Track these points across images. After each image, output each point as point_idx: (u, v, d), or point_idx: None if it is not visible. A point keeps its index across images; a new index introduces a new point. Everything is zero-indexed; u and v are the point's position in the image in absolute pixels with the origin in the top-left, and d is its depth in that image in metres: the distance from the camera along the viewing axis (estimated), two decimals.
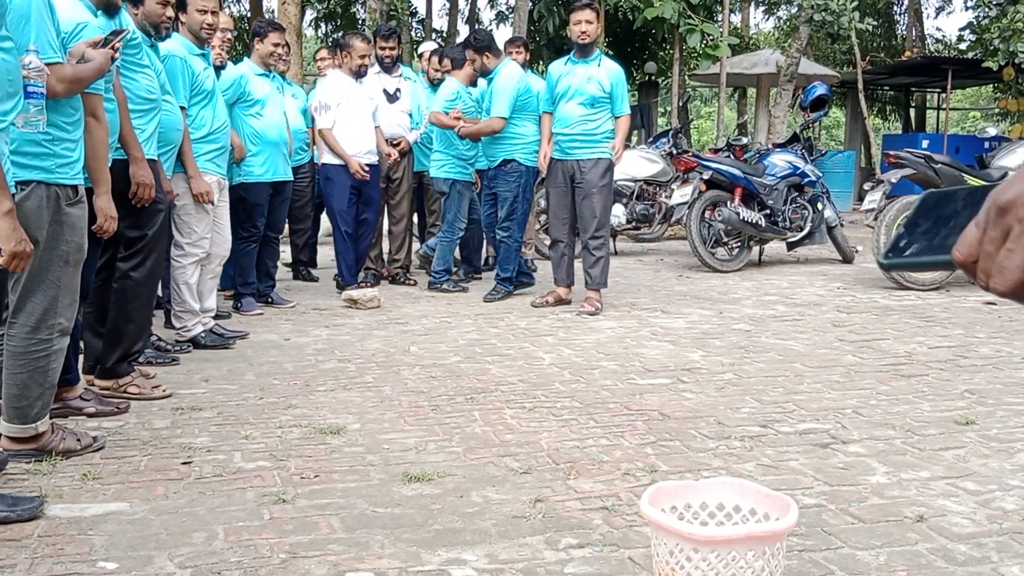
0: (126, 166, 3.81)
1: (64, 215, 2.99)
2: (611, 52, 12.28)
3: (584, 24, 5.99)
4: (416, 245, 8.19)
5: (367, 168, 6.60)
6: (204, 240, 4.96)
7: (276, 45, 6.13)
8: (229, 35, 6.12)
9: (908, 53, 19.38)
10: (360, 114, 6.60)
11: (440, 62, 7.44)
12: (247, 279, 6.12)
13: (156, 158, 4.12)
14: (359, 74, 6.58)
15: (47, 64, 2.79)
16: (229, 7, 20.97)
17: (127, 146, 3.80)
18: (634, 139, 16.49)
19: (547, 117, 6.28)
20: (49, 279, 2.98)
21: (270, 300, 6.33)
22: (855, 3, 12.83)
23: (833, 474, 3.04)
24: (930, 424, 3.61)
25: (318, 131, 6.66)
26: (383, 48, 7.09)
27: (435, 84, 7.46)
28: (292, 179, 6.39)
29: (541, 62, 18.45)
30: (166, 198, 4.12)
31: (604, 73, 6.01)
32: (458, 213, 6.84)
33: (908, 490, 2.89)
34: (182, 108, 4.77)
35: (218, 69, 5.61)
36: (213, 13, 4.85)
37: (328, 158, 6.64)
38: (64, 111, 3.00)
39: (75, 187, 3.06)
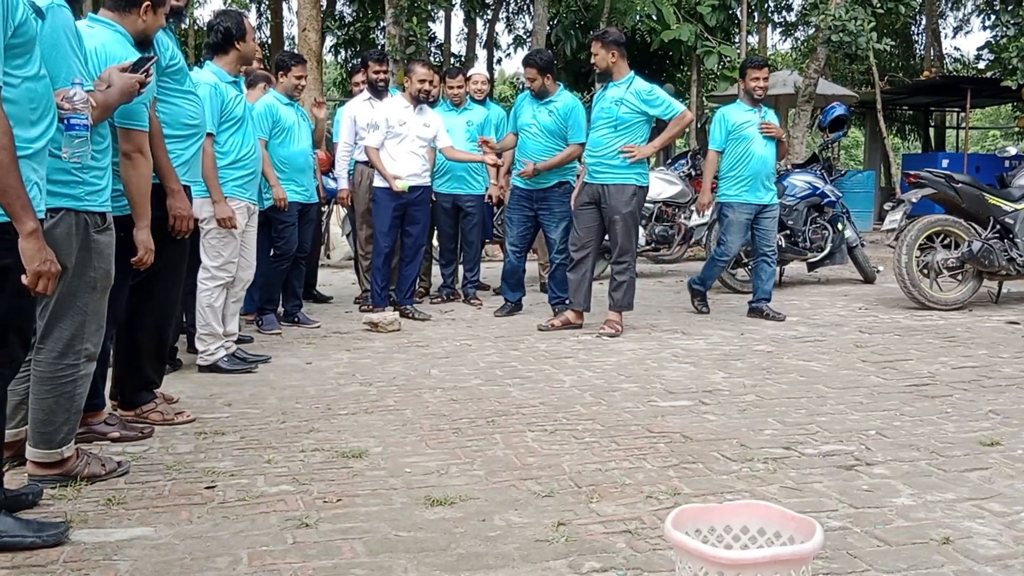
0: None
1: (92, 242, 3.03)
2: None
3: (593, 57, 6.19)
4: (435, 268, 8.22)
5: (410, 189, 6.60)
6: (231, 264, 5.00)
7: (299, 78, 6.27)
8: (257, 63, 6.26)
9: (926, 73, 19.33)
10: (410, 139, 6.61)
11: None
12: (271, 296, 6.22)
13: (189, 184, 4.13)
14: (418, 100, 6.63)
15: None
16: None
17: (164, 177, 3.78)
18: (652, 160, 16.51)
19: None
20: (77, 305, 3.01)
21: (296, 320, 6.43)
22: (872, 24, 12.81)
23: (858, 496, 3.02)
24: (955, 445, 3.58)
25: (364, 149, 6.72)
26: (377, 72, 7.15)
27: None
28: (318, 202, 6.51)
29: (560, 85, 18.53)
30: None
31: (632, 93, 6.04)
32: None
33: (934, 512, 2.87)
34: (209, 135, 4.85)
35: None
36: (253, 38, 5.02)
37: (376, 181, 6.70)
38: (93, 139, 3.04)
39: (103, 214, 3.10)
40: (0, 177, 2.34)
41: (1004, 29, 15.02)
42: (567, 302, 6.38)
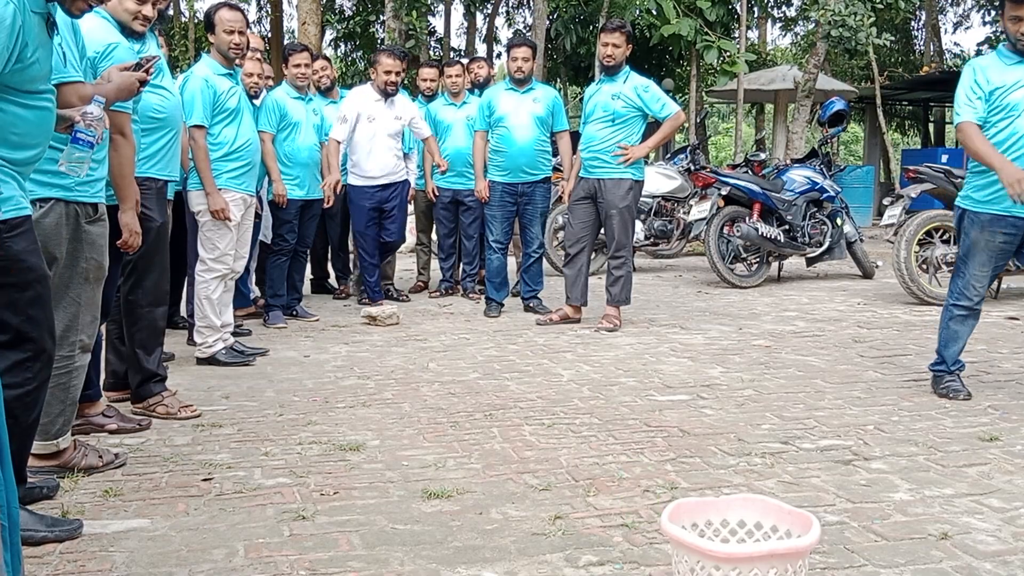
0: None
1: (84, 232, 3.02)
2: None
3: (611, 47, 6.00)
4: (435, 263, 8.22)
5: (379, 187, 6.65)
6: (227, 256, 5.00)
7: (297, 66, 6.26)
8: (258, 55, 6.21)
9: (926, 68, 19.33)
10: (381, 135, 6.60)
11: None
12: (276, 291, 6.22)
13: (164, 178, 4.10)
14: (386, 93, 6.59)
15: (68, 83, 2.81)
16: (250, 28, 21.13)
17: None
18: (651, 156, 16.50)
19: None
20: (69, 296, 3.00)
21: (295, 313, 6.44)
22: (872, 19, 12.80)
23: (855, 491, 3.01)
24: (953, 440, 3.57)
25: (328, 140, 6.54)
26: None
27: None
28: (322, 197, 6.48)
29: (559, 79, 18.53)
30: (159, 218, 4.03)
31: (630, 88, 6.00)
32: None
33: (932, 507, 2.87)
34: (201, 127, 4.85)
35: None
36: (240, 33, 4.92)
37: (351, 179, 6.69)
38: None
39: (95, 205, 3.09)
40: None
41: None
42: (567, 297, 6.34)
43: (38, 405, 2.64)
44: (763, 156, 9.61)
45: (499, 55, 20.84)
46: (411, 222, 7.95)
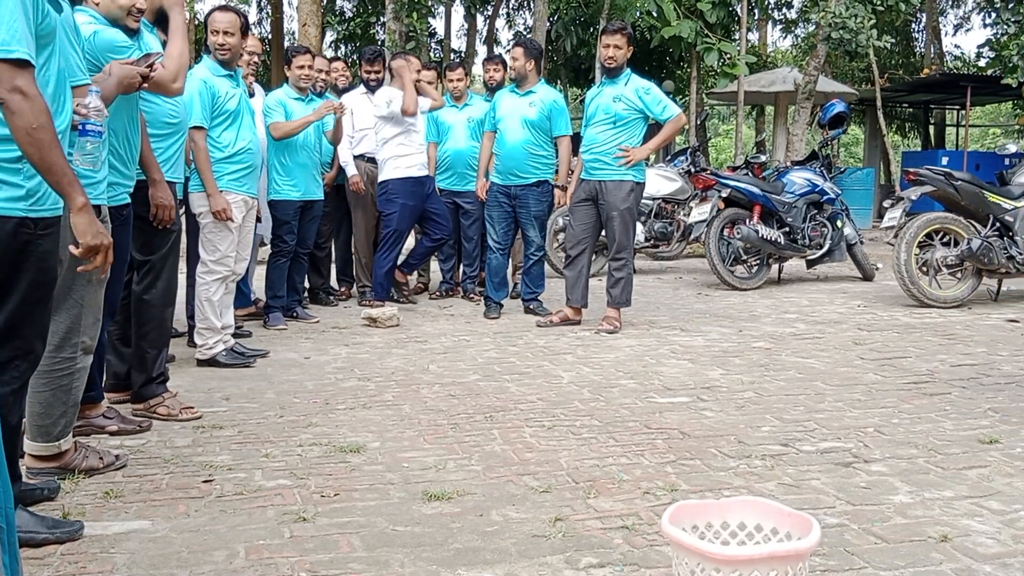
0: (142, 188, 3.84)
1: None
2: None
3: (612, 49, 6.02)
4: (435, 265, 8.22)
5: (425, 182, 6.90)
6: (228, 258, 5.00)
7: (301, 67, 6.27)
8: (256, 58, 6.20)
9: (927, 70, 19.33)
10: (416, 132, 6.83)
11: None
12: (276, 293, 6.22)
13: (174, 181, 4.14)
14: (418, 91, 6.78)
15: (75, 86, 2.82)
16: (250, 30, 21.13)
17: (147, 168, 3.83)
18: (652, 158, 16.50)
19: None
20: (72, 298, 3.01)
21: (295, 315, 6.45)
22: (873, 21, 12.80)
23: (855, 493, 3.01)
24: (953, 443, 3.57)
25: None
26: (368, 72, 7.21)
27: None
28: (322, 198, 6.49)
29: (559, 81, 18.54)
30: (178, 221, 4.14)
31: (631, 90, 6.01)
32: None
33: (932, 509, 2.87)
34: (201, 128, 4.84)
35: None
36: (225, 33, 4.88)
37: (388, 173, 6.77)
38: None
39: (97, 207, 3.09)
40: (44, 156, 2.33)
41: (1004, 27, 15.02)
42: (568, 299, 6.34)
43: (20, 405, 2.64)
44: (763, 158, 9.63)
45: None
46: None
